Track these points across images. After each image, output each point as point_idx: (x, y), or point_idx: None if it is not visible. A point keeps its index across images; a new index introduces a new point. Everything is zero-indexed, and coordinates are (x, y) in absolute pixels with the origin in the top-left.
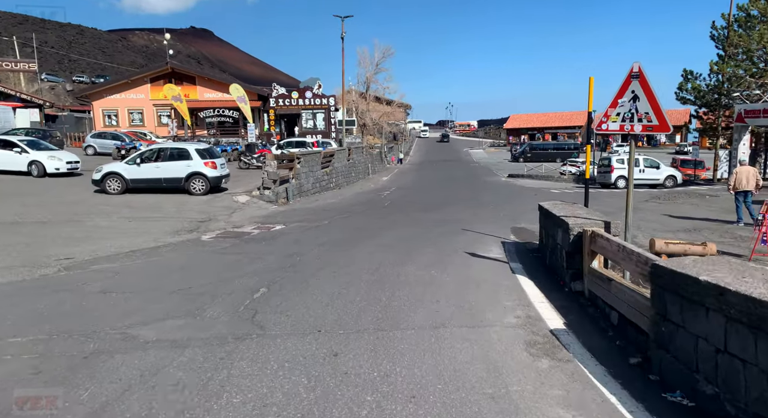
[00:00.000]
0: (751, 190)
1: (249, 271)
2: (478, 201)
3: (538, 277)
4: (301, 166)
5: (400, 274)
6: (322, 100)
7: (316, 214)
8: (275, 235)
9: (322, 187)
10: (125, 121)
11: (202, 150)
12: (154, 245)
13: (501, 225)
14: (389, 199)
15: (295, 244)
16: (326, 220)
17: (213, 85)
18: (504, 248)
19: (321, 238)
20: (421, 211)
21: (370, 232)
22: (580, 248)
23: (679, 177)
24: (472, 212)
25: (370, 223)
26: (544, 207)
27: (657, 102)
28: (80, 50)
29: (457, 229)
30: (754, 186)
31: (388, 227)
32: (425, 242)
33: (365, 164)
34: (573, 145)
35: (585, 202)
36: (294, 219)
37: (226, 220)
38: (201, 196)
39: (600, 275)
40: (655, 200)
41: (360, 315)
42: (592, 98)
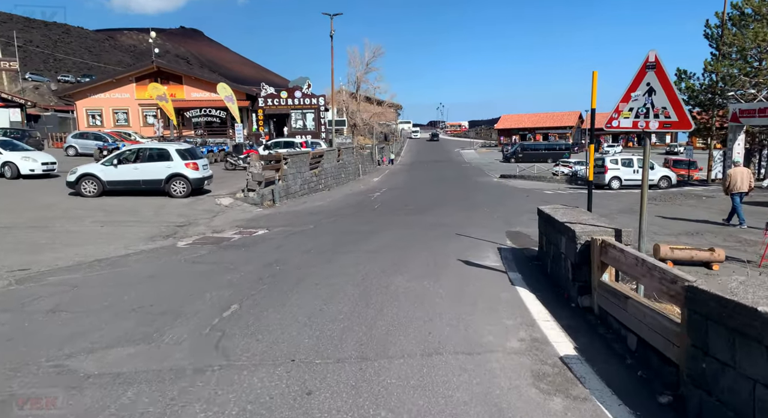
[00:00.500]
0: (746, 191)
1: (223, 283)
2: (471, 203)
3: (540, 289)
4: (288, 168)
5: (389, 286)
6: (311, 100)
7: (302, 217)
8: (257, 241)
9: (310, 189)
10: (110, 121)
11: (183, 150)
12: (124, 252)
13: (496, 229)
14: (379, 201)
15: (276, 251)
16: (312, 224)
17: (200, 85)
18: (501, 255)
19: (305, 244)
20: (412, 213)
21: (358, 237)
22: (588, 259)
23: (673, 178)
24: (465, 215)
25: (358, 227)
26: (545, 212)
27: (676, 96)
28: (66, 49)
29: (450, 233)
30: (748, 187)
31: (377, 232)
32: (416, 249)
33: (355, 165)
34: (564, 145)
35: (588, 205)
36: (278, 223)
37: (206, 224)
38: (182, 199)
39: (613, 291)
40: (651, 202)
41: (342, 338)
42: (595, 95)
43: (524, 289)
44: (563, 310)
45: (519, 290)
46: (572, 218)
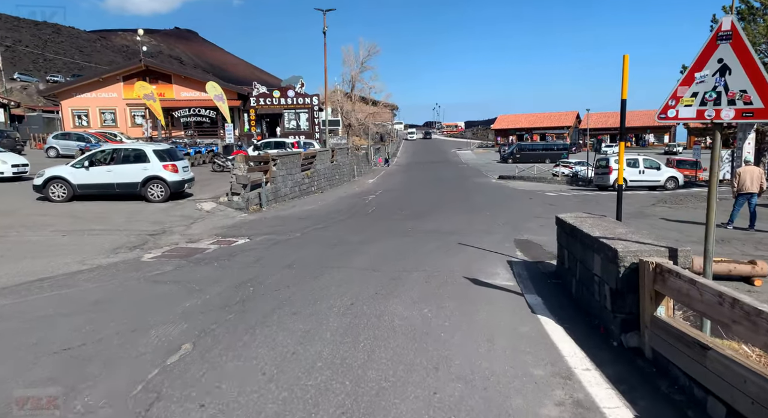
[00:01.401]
0: (756, 191)
1: (179, 311)
2: (471, 206)
3: (567, 318)
4: (277, 169)
5: (382, 316)
6: (305, 100)
7: (290, 223)
8: (234, 252)
9: (302, 192)
10: (97, 121)
11: (161, 151)
12: (77, 268)
13: (502, 237)
14: (374, 205)
15: (254, 266)
16: (299, 231)
17: (190, 84)
18: (512, 271)
19: (288, 257)
20: (409, 218)
21: (349, 248)
22: (635, 286)
23: (680, 178)
24: (467, 220)
25: (349, 235)
26: (568, 222)
27: (762, 74)
28: (56, 49)
29: (451, 242)
30: (759, 188)
31: (370, 241)
32: (414, 263)
33: (350, 166)
34: (562, 145)
35: (617, 214)
36: (262, 230)
37: (182, 232)
38: (159, 204)
39: (677, 334)
40: (662, 204)
41: (317, 403)
42: (627, 81)
43: (548, 318)
44: (603, 350)
45: (542, 320)
46: (605, 231)
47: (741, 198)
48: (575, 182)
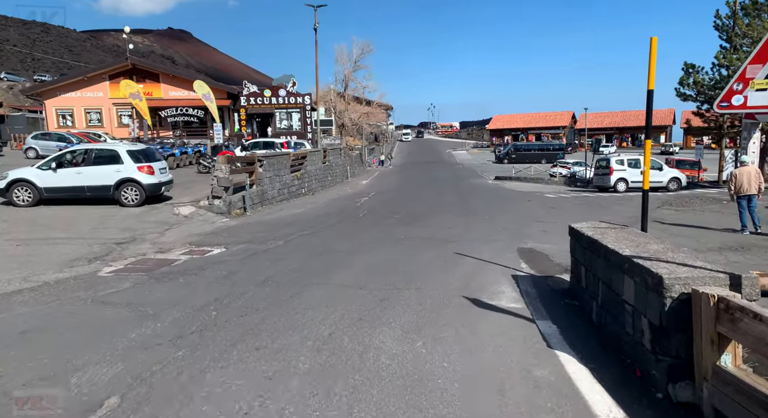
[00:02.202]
0: (755, 193)
1: (120, 346)
2: (468, 209)
3: (591, 356)
4: (264, 171)
5: (366, 352)
6: (297, 99)
7: (273, 229)
8: (205, 264)
9: (291, 194)
10: (82, 121)
11: (136, 152)
12: (18, 287)
13: (503, 245)
14: (365, 208)
15: (224, 282)
16: (283, 238)
17: (178, 83)
18: (519, 288)
19: (264, 271)
20: (402, 223)
21: (334, 259)
22: (685, 323)
23: (683, 179)
24: (464, 225)
25: (336, 243)
26: (585, 234)
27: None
28: (45, 49)
29: (448, 252)
30: (757, 188)
31: (358, 250)
32: (406, 278)
33: (344, 167)
34: (558, 145)
35: (642, 224)
36: (242, 238)
37: (154, 240)
38: (134, 209)
39: (755, 395)
40: (668, 207)
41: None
42: (654, 68)
43: (568, 355)
44: (644, 406)
45: (561, 359)
46: (637, 247)
47: (741, 200)
48: (573, 183)
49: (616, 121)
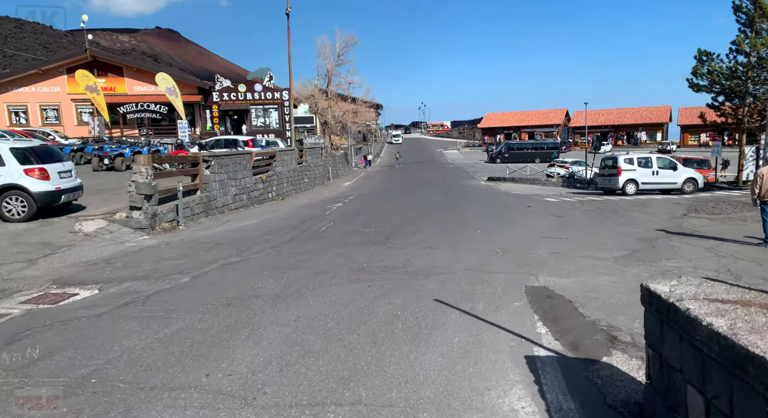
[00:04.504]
0: None
1: None
2: (457, 219)
3: None
4: (211, 173)
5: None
6: (274, 94)
7: (193, 254)
8: (30, 330)
9: (252, 200)
10: (37, 118)
11: (25, 150)
12: None
13: (504, 281)
14: (334, 218)
15: (21, 373)
16: (193, 272)
17: (144, 77)
18: (545, 399)
19: (110, 348)
20: (371, 241)
21: (240, 320)
22: None
23: (700, 180)
24: (451, 244)
25: (263, 281)
26: (697, 318)
27: None
28: (17, 45)
29: (423, 300)
30: None
31: (289, 296)
32: (341, 372)
33: (324, 168)
34: (552, 144)
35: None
36: (137, 271)
37: (6, 276)
38: (18, 224)
39: None
40: (695, 215)
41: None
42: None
43: None
44: None
45: None
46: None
47: (765, 206)
48: (573, 184)
49: (611, 118)
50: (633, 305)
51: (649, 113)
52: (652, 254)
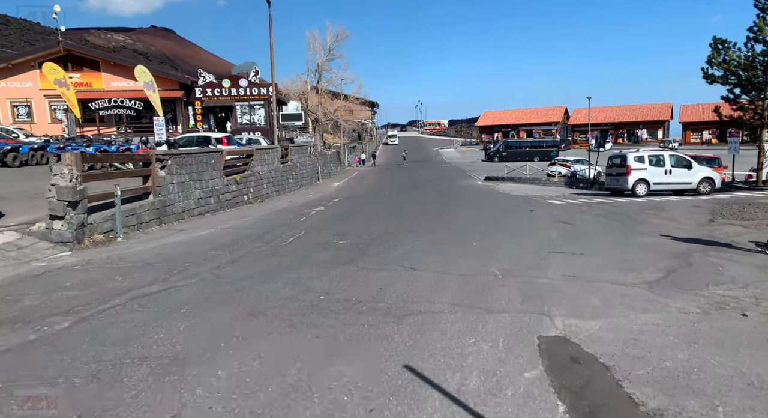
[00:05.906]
0: None
1: None
2: (450, 228)
3: None
4: (168, 174)
5: None
6: (260, 90)
7: (103, 281)
8: None
9: (222, 203)
10: (7, 115)
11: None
12: None
13: (507, 326)
14: (307, 226)
15: None
16: (87, 309)
17: (122, 72)
18: None
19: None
20: (340, 260)
21: (114, 399)
22: None
23: (717, 180)
24: (439, 263)
25: (177, 324)
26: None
27: None
28: (3, 42)
29: (392, 362)
30: None
31: (200, 356)
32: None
33: (313, 167)
34: (552, 142)
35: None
36: (13, 308)
37: None
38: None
39: None
40: (722, 220)
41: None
42: None
43: None
44: None
45: None
46: None
47: None
48: (575, 184)
49: (611, 116)
50: (701, 370)
51: (650, 110)
52: (692, 276)
